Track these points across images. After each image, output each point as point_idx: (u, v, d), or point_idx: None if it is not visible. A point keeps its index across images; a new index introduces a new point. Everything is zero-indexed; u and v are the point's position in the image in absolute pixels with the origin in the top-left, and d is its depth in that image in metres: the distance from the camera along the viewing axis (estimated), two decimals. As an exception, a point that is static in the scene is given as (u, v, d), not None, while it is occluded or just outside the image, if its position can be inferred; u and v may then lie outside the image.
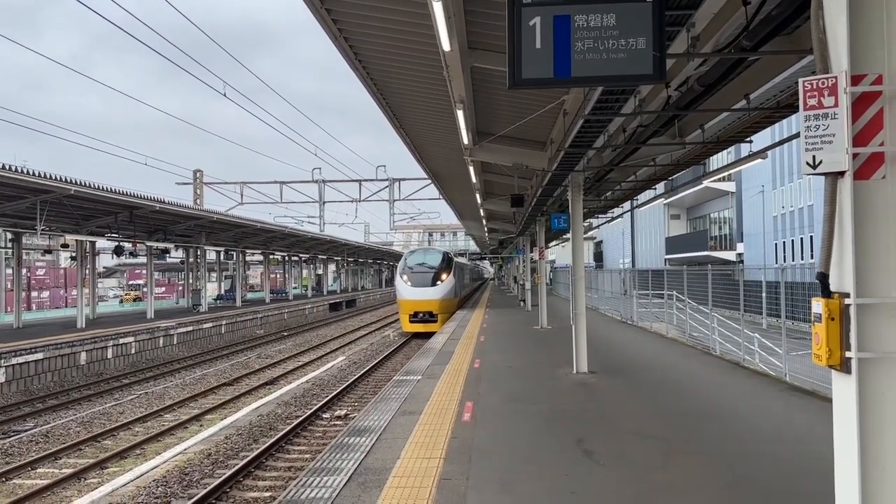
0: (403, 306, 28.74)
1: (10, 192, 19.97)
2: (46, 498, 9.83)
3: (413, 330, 28.14)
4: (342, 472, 6.53)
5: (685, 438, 7.62)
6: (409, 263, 30.00)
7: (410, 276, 28.88)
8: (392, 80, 11.88)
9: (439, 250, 32.21)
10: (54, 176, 18.98)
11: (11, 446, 12.65)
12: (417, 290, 28.06)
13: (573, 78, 4.30)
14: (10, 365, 17.94)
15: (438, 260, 30.05)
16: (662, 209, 51.33)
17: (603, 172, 14.44)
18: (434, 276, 28.70)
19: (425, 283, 28.32)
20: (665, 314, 19.41)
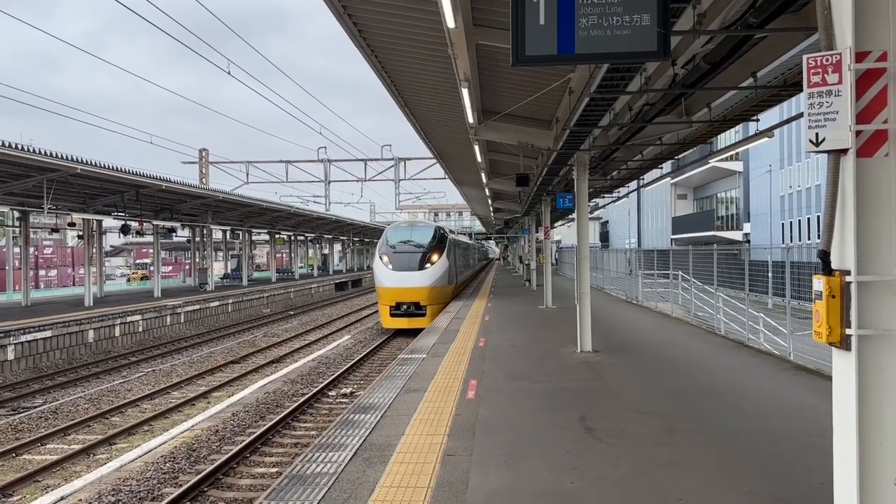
0: (383, 295, 22.80)
1: (16, 171, 20.03)
2: (56, 473, 9.97)
3: (394, 326, 22.56)
4: (347, 448, 6.60)
5: (688, 416, 7.67)
6: (391, 240, 23.82)
7: (392, 256, 22.97)
8: (397, 59, 11.82)
9: (430, 224, 26.12)
10: (61, 154, 19.02)
11: (21, 422, 12.81)
12: (400, 274, 22.36)
13: (577, 55, 4.28)
14: (20, 342, 18.10)
15: (428, 236, 23.93)
16: (669, 189, 51.12)
17: (609, 151, 14.39)
18: (422, 256, 22.87)
19: (410, 265, 22.56)
20: (670, 294, 19.41)
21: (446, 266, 23.33)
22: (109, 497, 8.37)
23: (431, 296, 22.45)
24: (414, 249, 23.15)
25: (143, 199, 27.72)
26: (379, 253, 23.55)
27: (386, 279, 22.50)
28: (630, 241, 61.79)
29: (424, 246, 23.29)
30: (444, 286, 23.36)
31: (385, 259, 22.91)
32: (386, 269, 22.64)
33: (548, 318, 18.35)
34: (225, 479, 9.19)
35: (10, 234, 37.55)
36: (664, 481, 5.53)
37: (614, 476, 5.68)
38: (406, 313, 22.31)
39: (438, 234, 24.18)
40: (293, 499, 5.33)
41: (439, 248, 23.46)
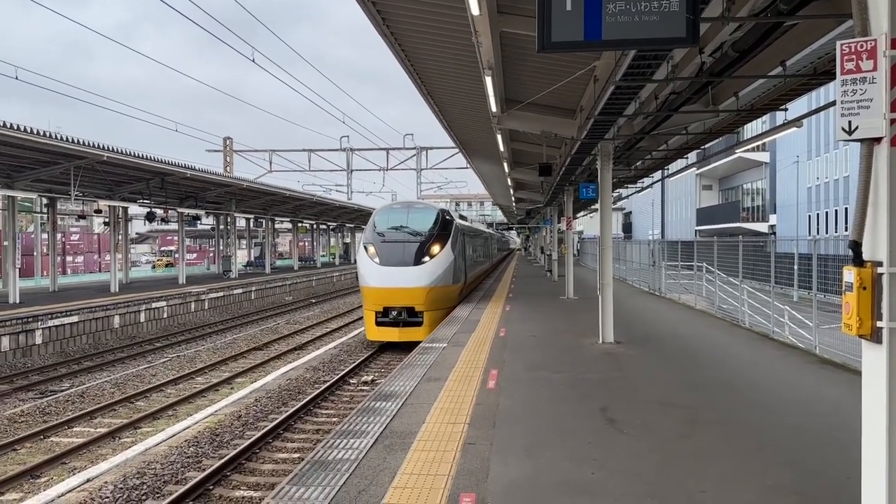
0: (367, 297, 17.80)
1: (44, 158, 20.31)
2: (82, 455, 10.14)
3: (380, 339, 17.65)
4: (368, 435, 6.63)
5: (711, 408, 7.60)
6: (380, 226, 18.69)
7: (380, 247, 17.87)
8: (420, 46, 11.78)
9: (430, 205, 20.53)
10: (87, 142, 19.24)
11: (49, 405, 13.04)
12: (390, 271, 17.33)
13: (604, 41, 4.23)
14: (47, 327, 18.40)
15: (428, 221, 18.79)
16: (694, 179, 50.60)
17: (633, 141, 14.25)
18: (419, 247, 17.81)
19: (404, 259, 17.57)
20: (694, 286, 19.24)
21: (451, 260, 18.21)
22: (134, 480, 8.49)
23: (430, 299, 17.43)
24: (408, 238, 18.00)
25: (169, 187, 27.99)
26: (364, 242, 18.51)
27: (371, 277, 17.50)
28: (653, 232, 61.31)
29: (423, 234, 18.17)
30: (447, 286, 18.19)
31: (371, 250, 17.91)
32: (371, 264, 17.59)
33: (569, 309, 18.27)
34: (248, 464, 9.29)
35: (38, 221, 38.15)
36: (687, 473, 5.49)
37: (636, 467, 5.64)
38: (396, 322, 17.32)
39: (441, 219, 18.95)
40: (315, 484, 5.37)
41: (442, 236, 18.39)
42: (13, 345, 17.19)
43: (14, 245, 22.73)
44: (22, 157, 19.90)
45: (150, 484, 8.43)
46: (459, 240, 20.10)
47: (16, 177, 22.11)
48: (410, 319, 17.37)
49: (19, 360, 17.14)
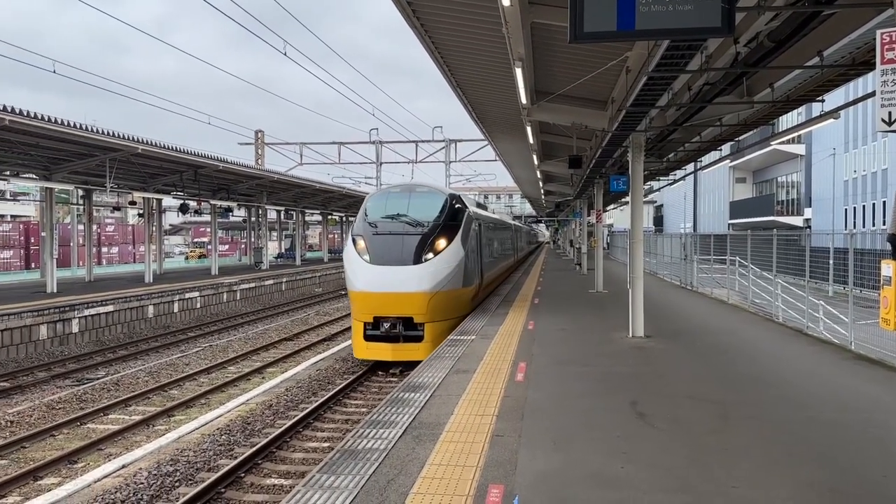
0: (355, 304, 14.49)
1: (81, 150, 20.70)
2: (118, 442, 10.36)
3: (369, 357, 14.29)
4: (397, 426, 6.67)
5: (742, 403, 7.50)
6: (373, 215, 15.13)
7: (371, 241, 14.40)
8: (450, 39, 11.75)
9: (437, 189, 16.49)
10: (122, 135, 19.56)
11: (85, 393, 13.33)
12: (382, 271, 13.88)
13: (637, 31, 4.20)
14: (84, 316, 18.79)
15: (433, 208, 15.12)
16: (727, 172, 49.88)
17: (666, 133, 14.08)
18: (421, 242, 14.24)
19: (401, 256, 14.03)
20: (727, 280, 18.98)
21: (461, 257, 14.61)
22: (168, 466, 8.65)
23: (434, 307, 13.90)
24: (407, 230, 14.42)
25: (201, 179, 28.36)
26: (352, 234, 14.97)
27: (359, 279, 13.97)
28: (685, 226, 60.60)
29: (426, 224, 14.54)
30: (455, 290, 14.51)
31: (360, 245, 14.34)
32: (359, 262, 14.08)
33: (598, 303, 18.16)
34: (279, 453, 9.41)
35: (75, 212, 38.93)
36: (718, 468, 5.44)
37: (666, 462, 5.60)
38: (389, 335, 13.83)
39: (450, 206, 15.26)
40: (345, 472, 5.42)
41: (451, 227, 14.82)
42: (51, 333, 17.58)
43: (51, 236, 23.23)
44: (59, 149, 20.31)
45: (183, 471, 8.58)
46: (474, 232, 16.40)
47: (53, 169, 22.57)
48: (407, 333, 13.84)
49: (56, 349, 17.54)
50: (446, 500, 4.85)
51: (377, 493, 4.99)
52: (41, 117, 16.34)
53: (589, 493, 4.97)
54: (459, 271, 14.58)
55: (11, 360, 16.13)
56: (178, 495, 7.85)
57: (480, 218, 18.36)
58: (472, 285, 15.97)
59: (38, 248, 35.75)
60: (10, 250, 36.68)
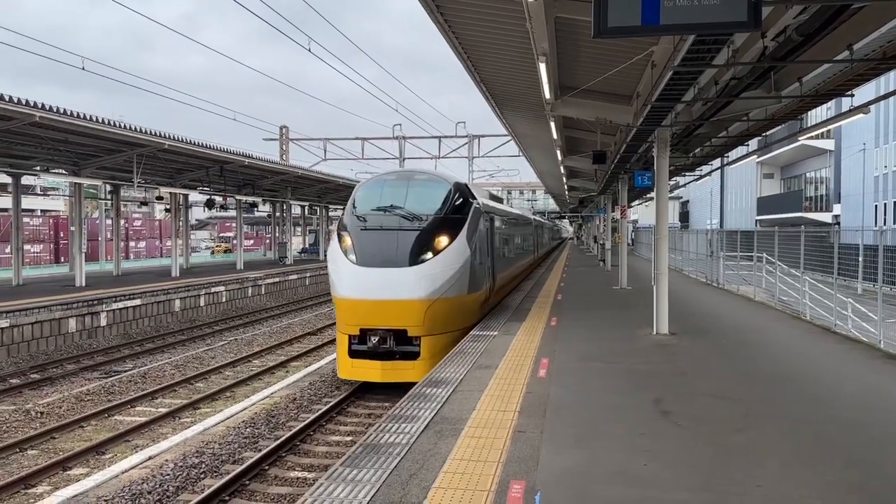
0: (340, 313, 12.37)
1: (109, 146, 21.00)
2: (144, 434, 10.52)
3: (354, 377, 12.20)
4: (419, 420, 6.70)
5: (768, 402, 7.42)
6: (362, 207, 12.97)
7: (359, 238, 12.27)
8: (473, 34, 11.73)
9: (440, 177, 14.06)
10: (150, 130, 19.80)
11: (113, 385, 13.54)
12: (371, 275, 11.78)
13: (662, 26, 4.16)
14: (112, 310, 19.08)
15: (435, 199, 12.96)
16: (755, 167, 49.25)
17: (692, 128, 13.94)
18: (418, 238, 12.13)
19: (393, 256, 11.90)
20: (753, 277, 18.76)
21: (466, 257, 12.41)
22: (193, 458, 8.77)
23: (432, 318, 11.80)
24: (402, 224, 12.29)
25: (227, 175, 28.63)
26: (338, 230, 12.93)
27: (343, 283, 11.92)
28: (712, 222, 59.97)
29: (425, 218, 12.40)
30: (460, 297, 12.36)
31: (345, 242, 12.26)
32: (344, 263, 12.00)
33: (622, 299, 18.05)
34: (302, 446, 9.49)
35: (103, 207, 39.53)
36: (742, 467, 5.38)
37: (690, 460, 5.56)
38: (377, 351, 11.72)
39: (455, 197, 13.04)
40: (367, 466, 5.46)
41: (454, 222, 12.64)
42: (79, 326, 17.88)
43: (80, 230, 23.60)
44: (88, 145, 20.62)
45: (208, 463, 8.69)
46: (483, 227, 14.02)
47: (82, 164, 22.92)
48: (400, 349, 11.73)
49: (85, 341, 17.83)
50: (468, 495, 4.86)
51: (399, 487, 5.02)
52: (70, 113, 16.60)
53: (611, 490, 4.95)
54: (464, 274, 12.34)
55: (42, 352, 16.43)
56: (204, 487, 7.95)
57: (492, 211, 16.11)
58: (481, 290, 13.65)
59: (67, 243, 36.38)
60: (41, 244, 37.35)
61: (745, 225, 49.13)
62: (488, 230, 14.86)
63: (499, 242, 16.97)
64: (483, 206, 14.21)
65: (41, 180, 47.70)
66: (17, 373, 14.45)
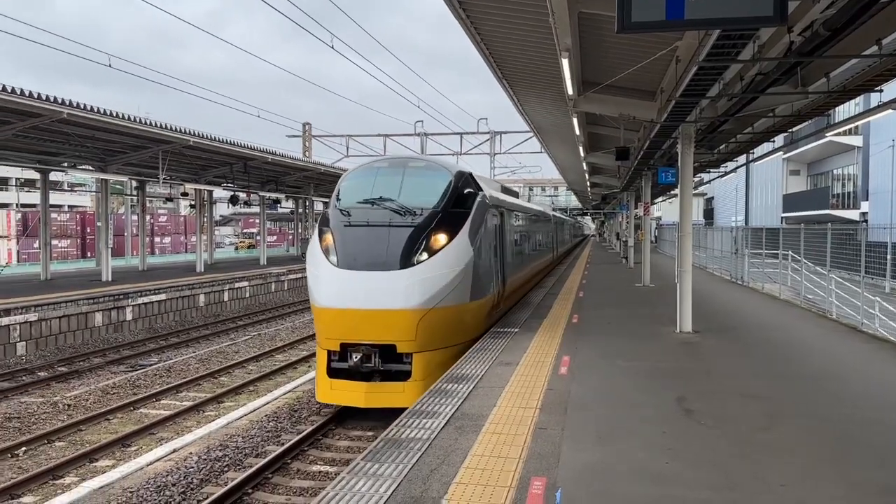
0: (319, 324, 10.59)
1: (135, 142, 21.25)
2: (169, 427, 10.65)
3: (335, 400, 10.41)
4: (440, 416, 6.71)
5: (793, 401, 7.34)
6: (347, 199, 11.39)
7: (342, 235, 10.61)
8: (496, 30, 11.70)
9: (439, 165, 12.35)
10: (175, 127, 20.01)
11: (138, 379, 13.73)
12: (354, 279, 10.08)
13: (687, 20, 4.12)
14: (137, 304, 19.33)
15: (433, 191, 11.32)
16: (781, 164, 48.58)
17: (716, 124, 13.78)
18: (412, 236, 10.44)
19: (381, 258, 10.22)
20: (779, 275, 18.54)
21: (469, 258, 10.75)
22: (217, 451, 8.87)
23: (427, 330, 10.06)
24: (393, 219, 10.60)
25: (251, 171, 28.86)
26: (318, 226, 11.20)
27: (322, 288, 10.24)
28: (737, 219, 59.33)
29: (420, 212, 10.69)
30: (461, 305, 10.65)
31: (326, 241, 10.59)
32: (325, 266, 10.34)
33: (645, 297, 17.93)
34: (324, 440, 9.56)
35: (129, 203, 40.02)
36: (766, 466, 5.34)
37: (713, 459, 5.52)
38: (361, 371, 10.00)
39: (457, 188, 11.37)
40: (389, 461, 5.48)
41: (455, 217, 10.95)
42: (106, 320, 18.14)
43: (107, 226, 23.93)
44: (114, 141, 20.89)
45: (231, 456, 8.79)
46: (491, 223, 12.40)
47: (108, 160, 23.22)
48: (388, 368, 10.05)
49: (111, 335, 18.09)
50: (489, 490, 4.87)
51: (420, 482, 5.04)
52: (97, 110, 16.82)
53: (633, 487, 4.93)
54: (466, 278, 10.60)
55: (69, 345, 16.70)
56: (227, 479, 8.04)
57: (503, 205, 14.24)
58: (487, 296, 11.88)
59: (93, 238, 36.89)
60: (68, 239, 37.91)
61: (771, 222, 48.52)
62: (498, 227, 13.14)
63: (510, 240, 15.13)
64: (491, 199, 12.62)
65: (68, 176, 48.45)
66: (45, 366, 14.70)
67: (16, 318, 15.51)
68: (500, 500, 4.70)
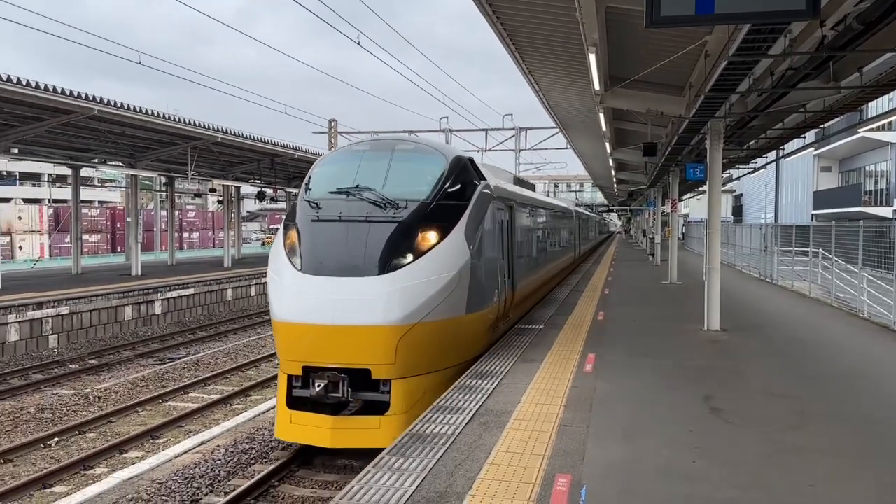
0: (278, 341, 8.66)
1: (164, 139, 21.52)
2: (197, 420, 10.79)
3: (296, 438, 8.36)
4: (464, 412, 6.71)
5: (822, 401, 7.23)
6: (319, 188, 9.37)
7: (309, 233, 8.72)
8: (521, 25, 11.64)
9: (429, 148, 10.08)
10: (203, 123, 20.23)
11: (167, 372, 13.92)
12: (320, 287, 8.12)
13: (717, 14, 4.07)
14: (166, 298, 19.59)
15: (421, 179, 9.25)
16: (811, 160, 47.83)
17: (746, 119, 13.60)
18: (394, 235, 8.45)
19: (355, 260, 8.26)
20: (809, 273, 18.26)
21: (465, 260, 8.82)
22: (244, 444, 8.97)
23: (410, 350, 8.17)
24: (371, 214, 8.73)
25: (278, 167, 29.07)
26: (284, 223, 9.49)
27: (283, 300, 8.51)
28: (766, 216, 58.53)
29: (405, 204, 8.81)
30: (455, 319, 8.73)
31: (292, 240, 8.89)
32: (287, 270, 8.63)
33: (672, 295, 17.76)
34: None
35: (158, 198, 40.55)
36: (794, 466, 5.27)
37: (740, 458, 5.46)
38: (327, 402, 8.24)
39: (452, 177, 9.40)
40: (413, 455, 5.50)
41: (449, 211, 9.08)
42: (135, 314, 18.41)
43: (136, 221, 24.27)
44: (144, 137, 21.17)
45: (258, 449, 8.88)
46: (497, 218, 10.42)
47: (138, 156, 23.55)
48: (360, 396, 8.27)
49: (140, 329, 18.36)
50: (513, 486, 4.86)
51: (444, 477, 5.05)
52: (127, 107, 17.06)
53: (658, 486, 4.90)
54: (462, 285, 8.62)
55: (99, 338, 16.98)
56: (254, 472, 8.13)
57: (513, 198, 12.28)
58: (489, 306, 9.74)
59: (123, 233, 37.47)
60: (98, 234, 38.55)
61: (801, 219, 47.79)
62: (507, 223, 11.28)
63: (523, 239, 13.17)
64: (496, 191, 10.64)
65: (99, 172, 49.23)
66: (76, 358, 14.97)
67: (48, 311, 15.81)
68: (524, 497, 4.69)
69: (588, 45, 9.64)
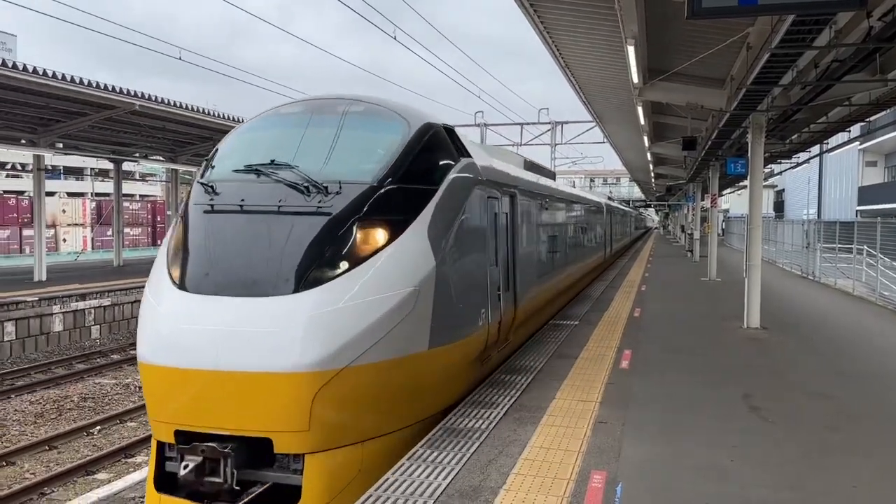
0: (148, 391, 5.68)
1: (203, 133, 21.89)
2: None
3: None
4: (499, 407, 6.70)
5: (863, 400, 7.06)
6: (219, 169, 6.48)
7: (198, 231, 6.00)
8: (559, 18, 11.55)
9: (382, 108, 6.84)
10: (240, 119, 20.48)
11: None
12: (209, 311, 5.35)
13: (760, 6, 3.99)
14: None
15: (369, 153, 6.38)
16: (856, 155, 46.68)
17: (789, 113, 13.32)
18: (322, 233, 5.66)
19: (263, 271, 5.49)
20: (853, 270, 17.83)
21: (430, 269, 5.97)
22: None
23: (334, 407, 5.33)
24: (288, 203, 5.84)
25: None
26: (172, 226, 6.50)
27: (151, 329, 5.65)
28: (809, 212, 57.32)
29: (340, 189, 5.88)
30: (408, 358, 5.75)
31: (177, 241, 6.06)
32: (164, 288, 5.71)
33: (711, 291, 17.50)
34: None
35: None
36: (835, 467, 5.15)
37: (779, 458, 5.36)
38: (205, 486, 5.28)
39: (413, 149, 6.43)
40: (448, 449, 5.51)
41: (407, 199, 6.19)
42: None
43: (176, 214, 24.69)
44: (183, 132, 21.53)
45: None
46: (485, 210, 7.60)
47: (178, 151, 23.96)
48: (258, 476, 5.61)
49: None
50: (548, 482, 4.84)
51: (479, 472, 5.04)
52: (166, 102, 17.35)
53: (695, 484, 4.83)
54: (422, 307, 5.89)
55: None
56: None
57: (514, 184, 9.16)
58: (470, 334, 6.87)
59: (164, 226, 38.14)
60: (139, 228, 39.33)
61: (845, 215, 46.69)
62: (506, 217, 8.57)
63: (531, 238, 10.38)
64: (486, 173, 7.74)
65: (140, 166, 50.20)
66: (117, 349, 15.30)
67: (91, 302, 16.19)
68: (559, 492, 4.67)
69: (627, 37, 9.54)
